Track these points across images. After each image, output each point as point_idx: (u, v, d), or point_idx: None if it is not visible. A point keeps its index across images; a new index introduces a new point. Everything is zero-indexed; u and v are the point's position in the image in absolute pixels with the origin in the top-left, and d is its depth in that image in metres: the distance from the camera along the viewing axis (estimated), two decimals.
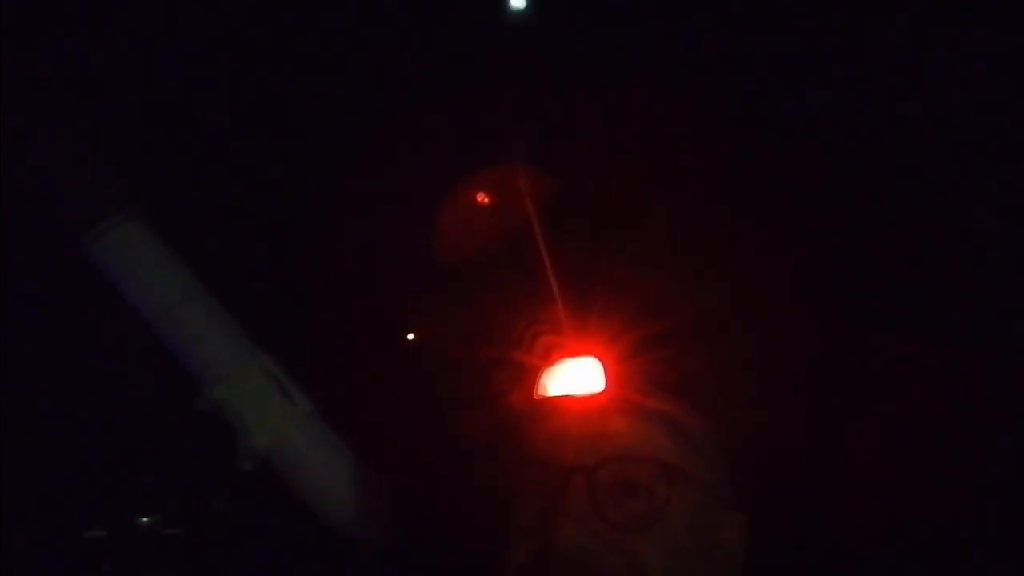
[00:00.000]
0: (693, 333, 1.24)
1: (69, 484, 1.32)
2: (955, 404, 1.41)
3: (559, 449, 1.13)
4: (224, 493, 1.37)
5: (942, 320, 1.45)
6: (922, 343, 1.43)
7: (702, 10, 1.58)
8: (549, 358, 1.18)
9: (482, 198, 1.50)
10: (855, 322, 1.45)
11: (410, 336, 1.51)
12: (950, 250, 1.47)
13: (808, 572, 1.27)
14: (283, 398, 1.43)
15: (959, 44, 1.48)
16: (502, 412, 1.20)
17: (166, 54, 1.59)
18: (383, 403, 1.51)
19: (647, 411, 1.15)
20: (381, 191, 1.61)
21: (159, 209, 1.41)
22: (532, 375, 1.18)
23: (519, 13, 1.59)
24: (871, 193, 1.50)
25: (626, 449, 1.12)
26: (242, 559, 1.40)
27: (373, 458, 1.42)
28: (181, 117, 1.63)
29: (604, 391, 1.13)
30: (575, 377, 1.15)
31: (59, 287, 1.50)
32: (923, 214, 1.49)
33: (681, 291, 1.30)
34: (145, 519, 1.27)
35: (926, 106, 1.52)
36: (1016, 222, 1.46)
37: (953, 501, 1.38)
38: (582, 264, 1.25)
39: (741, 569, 1.15)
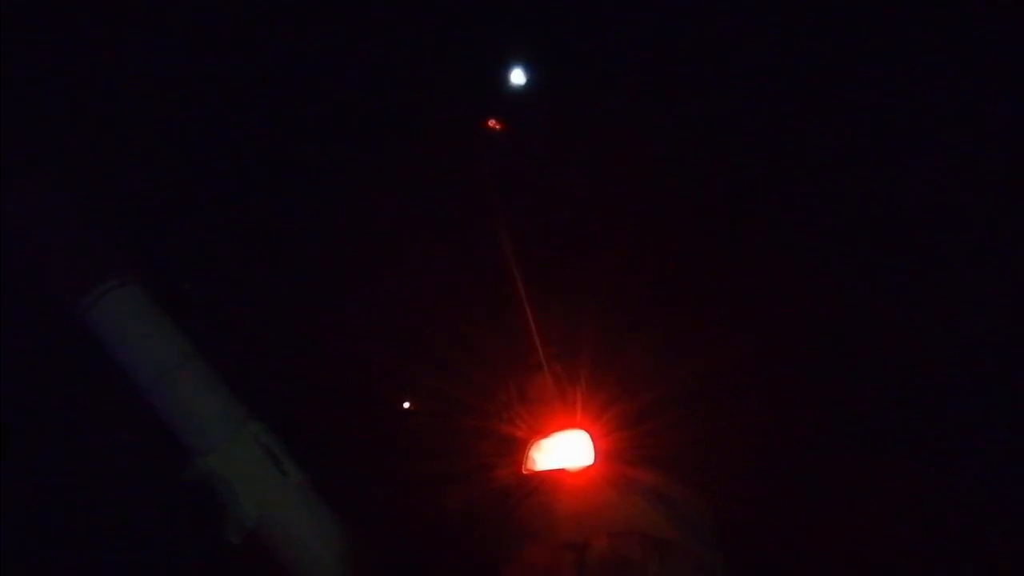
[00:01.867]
0: (681, 404, 1.24)
1: (56, 555, 1.28)
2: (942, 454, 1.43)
3: (549, 525, 1.11)
4: (212, 565, 1.33)
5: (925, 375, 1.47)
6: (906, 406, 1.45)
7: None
8: (537, 431, 1.16)
9: (469, 269, 1.51)
10: (842, 385, 1.47)
11: (406, 404, 1.50)
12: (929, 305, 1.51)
13: None
14: (274, 468, 1.41)
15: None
16: (489, 486, 1.18)
17: (157, 117, 1.60)
18: (375, 473, 1.49)
19: (637, 485, 1.13)
20: (372, 261, 1.62)
21: (154, 275, 1.40)
22: (520, 448, 1.16)
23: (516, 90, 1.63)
24: (852, 257, 1.54)
25: (617, 524, 1.09)
26: None
27: (363, 530, 1.39)
28: (175, 183, 1.63)
29: (593, 465, 1.12)
30: (564, 451, 1.13)
31: (51, 355, 1.48)
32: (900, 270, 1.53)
33: (668, 363, 1.31)
34: None
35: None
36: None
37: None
38: (570, 337, 1.25)
39: None
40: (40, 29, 1.42)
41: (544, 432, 1.15)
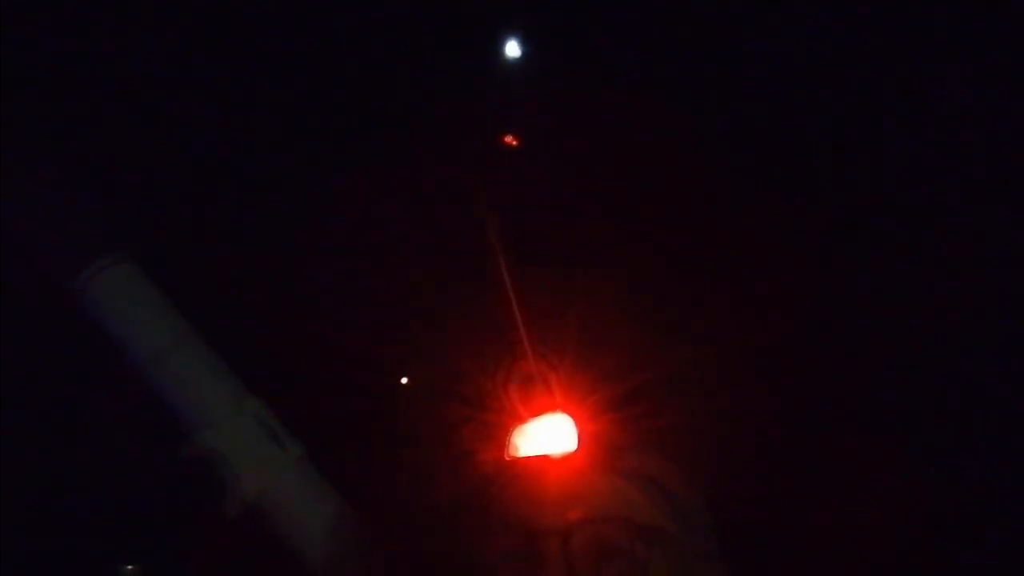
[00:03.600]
0: (668, 387, 1.22)
1: (55, 532, 1.31)
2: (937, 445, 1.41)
3: (532, 512, 1.10)
4: (211, 540, 1.36)
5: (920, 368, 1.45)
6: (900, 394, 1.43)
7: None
8: (520, 416, 1.15)
9: (451, 251, 1.50)
10: (831, 370, 1.46)
11: (404, 380, 1.50)
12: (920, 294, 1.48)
13: None
14: (273, 443, 1.43)
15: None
16: (472, 473, 1.17)
17: (153, 96, 1.59)
18: (371, 450, 1.50)
19: (622, 469, 1.12)
20: (359, 242, 1.61)
21: (150, 253, 1.41)
22: (503, 434, 1.15)
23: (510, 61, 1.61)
24: (846, 242, 1.52)
25: (601, 510, 1.09)
26: None
27: (360, 506, 1.40)
28: (171, 162, 1.63)
29: (577, 450, 1.10)
30: (547, 436, 1.12)
31: (49, 332, 1.49)
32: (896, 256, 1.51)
33: (655, 345, 1.29)
34: (130, 567, 1.25)
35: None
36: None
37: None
38: (554, 320, 1.24)
39: None
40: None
41: (526, 417, 1.14)
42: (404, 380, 1.52)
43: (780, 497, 1.38)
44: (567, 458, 1.10)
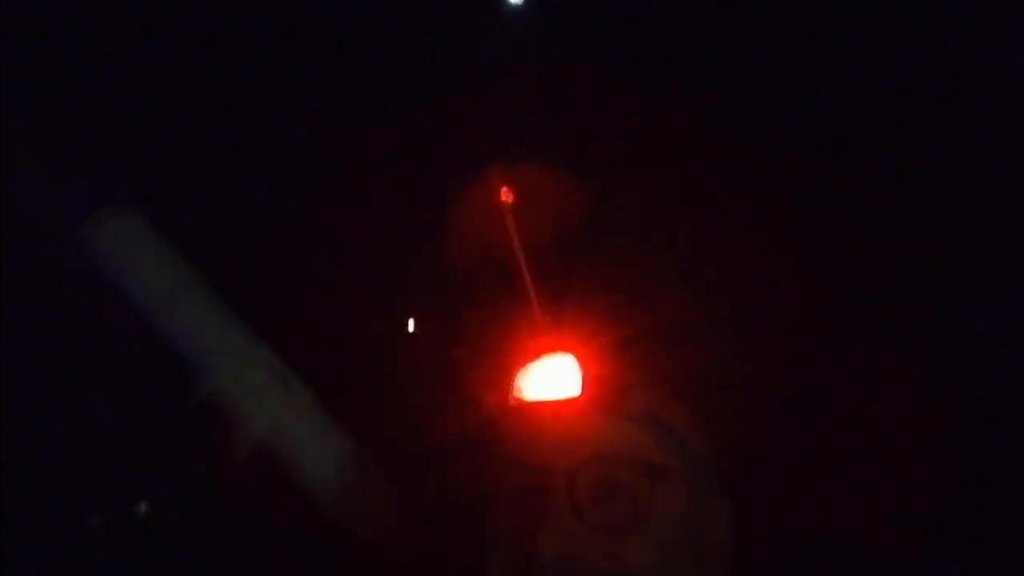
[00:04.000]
0: (674, 327, 1.22)
1: (70, 474, 1.34)
2: (942, 395, 1.42)
3: (536, 454, 1.10)
4: (222, 482, 1.38)
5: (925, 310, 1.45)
6: (907, 335, 1.43)
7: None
8: (524, 358, 1.14)
9: (457, 197, 1.50)
10: (840, 313, 1.46)
11: (411, 326, 1.51)
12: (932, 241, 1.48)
13: (797, 562, 1.28)
14: (281, 387, 1.45)
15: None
16: (476, 416, 1.17)
17: (160, 50, 1.59)
18: (380, 397, 1.52)
19: (626, 409, 1.12)
20: (369, 192, 1.61)
21: (155, 202, 1.42)
22: (506, 377, 1.14)
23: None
24: (855, 188, 1.51)
25: (605, 450, 1.09)
26: (240, 547, 1.41)
27: (370, 450, 1.43)
28: (176, 111, 1.63)
29: (581, 391, 1.10)
30: (551, 378, 1.11)
31: (57, 281, 1.51)
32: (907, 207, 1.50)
33: (661, 286, 1.29)
34: (144, 508, 1.28)
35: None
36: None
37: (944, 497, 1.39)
38: (558, 261, 1.23)
39: (729, 560, 1.14)
40: None
41: (530, 358, 1.13)
42: (411, 325, 1.53)
43: (788, 435, 1.39)
44: (571, 400, 1.10)
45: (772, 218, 1.46)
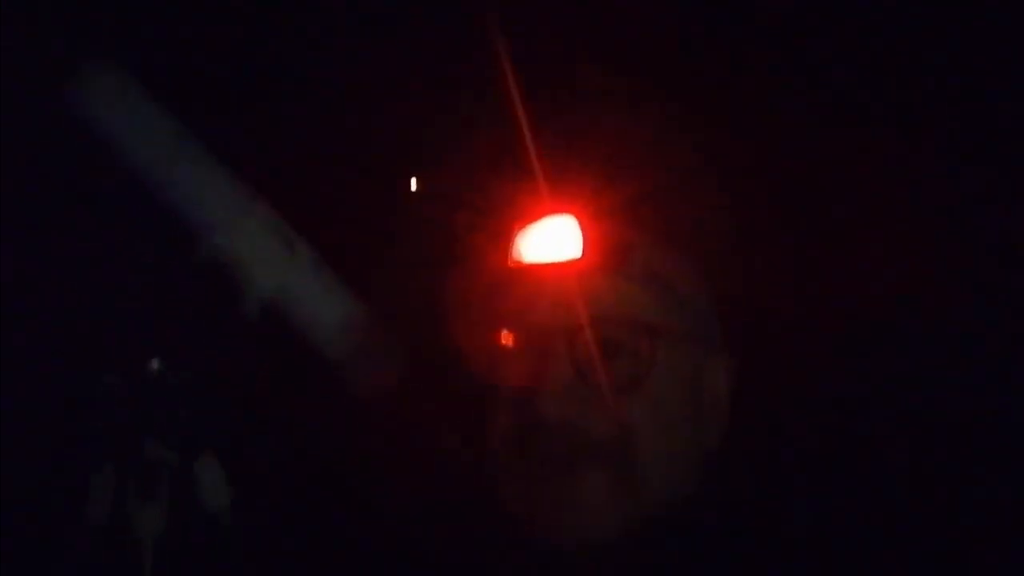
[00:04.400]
0: (677, 188, 1.19)
1: (81, 333, 1.36)
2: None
3: (537, 316, 1.11)
4: (231, 338, 1.40)
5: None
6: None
7: None
8: (523, 219, 1.12)
9: (455, 56, 1.43)
10: (841, 166, 1.40)
11: (413, 184, 1.49)
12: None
13: (796, 414, 1.29)
14: (283, 245, 1.44)
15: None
16: (476, 278, 1.16)
17: None
18: (381, 253, 1.51)
19: (627, 269, 1.11)
20: (372, 47, 1.55)
21: (142, 55, 1.37)
22: (506, 238, 1.13)
23: None
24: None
25: (606, 310, 1.09)
26: (251, 399, 1.45)
27: (374, 309, 1.43)
28: None
29: (582, 252, 1.08)
30: (551, 239, 1.09)
31: (49, 139, 1.49)
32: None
33: (661, 143, 1.24)
34: (156, 365, 1.31)
35: None
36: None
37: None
38: (559, 120, 1.18)
39: (727, 416, 1.15)
40: None
41: (530, 219, 1.11)
42: (413, 185, 1.50)
43: (790, 290, 1.37)
44: (571, 260, 1.09)
45: (776, 74, 1.39)
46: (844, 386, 1.36)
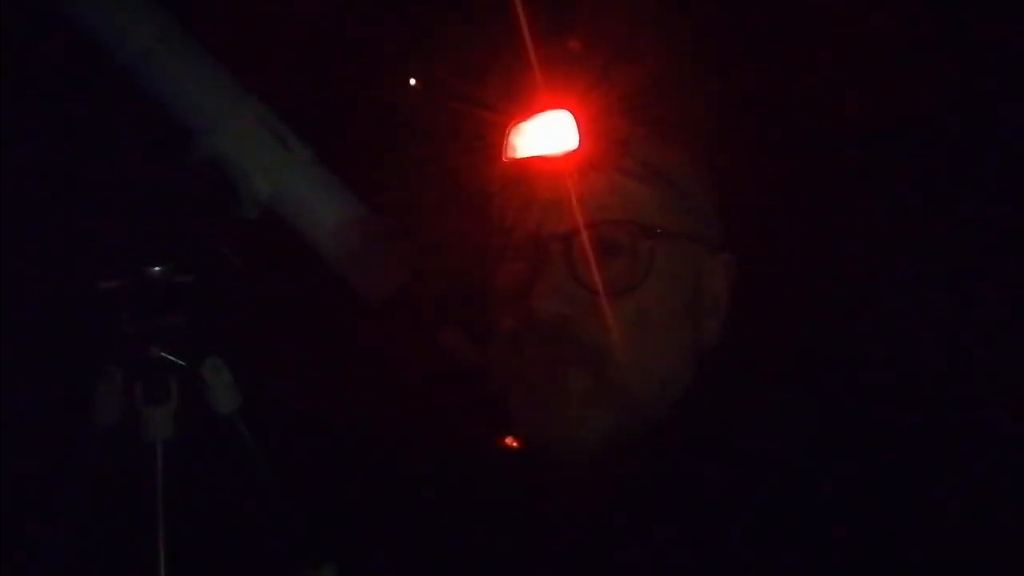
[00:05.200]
0: (675, 73, 1.14)
1: (80, 241, 1.34)
2: None
3: (533, 215, 1.08)
4: (230, 239, 1.38)
5: None
6: None
7: None
8: (518, 114, 1.08)
9: None
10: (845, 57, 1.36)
11: (412, 81, 1.44)
12: None
13: (792, 307, 1.29)
14: (279, 144, 1.41)
15: None
16: (471, 177, 1.13)
17: None
18: (378, 151, 1.47)
19: (625, 165, 1.07)
20: None
21: None
22: (500, 134, 1.10)
23: None
24: None
25: (603, 211, 1.06)
26: (251, 298, 1.43)
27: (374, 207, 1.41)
28: None
29: (578, 147, 1.05)
30: (546, 134, 1.06)
31: (35, 39, 1.43)
32: None
33: (661, 29, 1.19)
34: (156, 268, 1.29)
35: None
36: None
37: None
38: (556, 14, 1.13)
39: (725, 314, 1.13)
40: None
41: (524, 114, 1.08)
42: (412, 81, 1.45)
43: (792, 185, 1.35)
44: (567, 157, 1.06)
45: None
46: (841, 292, 1.34)
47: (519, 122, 1.08)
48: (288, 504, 1.30)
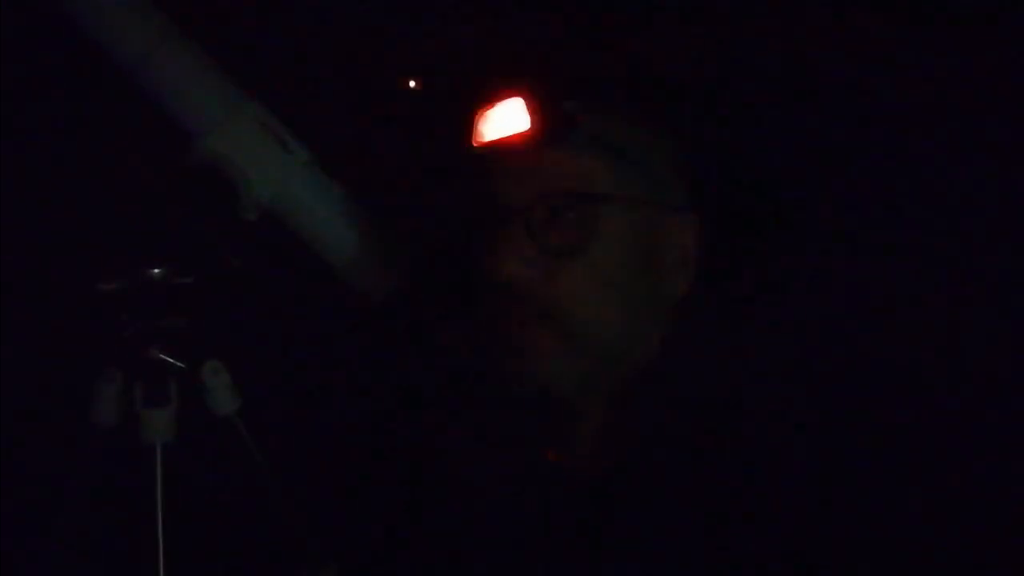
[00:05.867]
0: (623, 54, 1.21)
1: (78, 240, 1.34)
2: None
3: (499, 190, 1.19)
4: (230, 242, 1.39)
5: None
6: None
7: None
8: (481, 103, 1.19)
9: None
10: None
11: (412, 83, 1.44)
12: None
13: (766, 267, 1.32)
14: (279, 146, 1.41)
15: None
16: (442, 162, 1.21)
17: None
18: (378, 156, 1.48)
19: (574, 141, 1.17)
20: None
21: None
22: (469, 122, 1.19)
23: None
24: None
25: (553, 182, 1.16)
26: (252, 301, 1.44)
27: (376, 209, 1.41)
28: None
29: (532, 128, 1.15)
30: (503, 118, 1.17)
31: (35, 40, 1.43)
32: None
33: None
34: (156, 271, 1.30)
35: None
36: None
37: None
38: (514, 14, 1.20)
39: (692, 269, 1.21)
40: None
41: (488, 102, 1.18)
42: (412, 83, 1.46)
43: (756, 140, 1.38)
44: (523, 136, 1.15)
45: None
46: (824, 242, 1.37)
47: (483, 110, 1.19)
48: (288, 505, 1.30)
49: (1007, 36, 1.33)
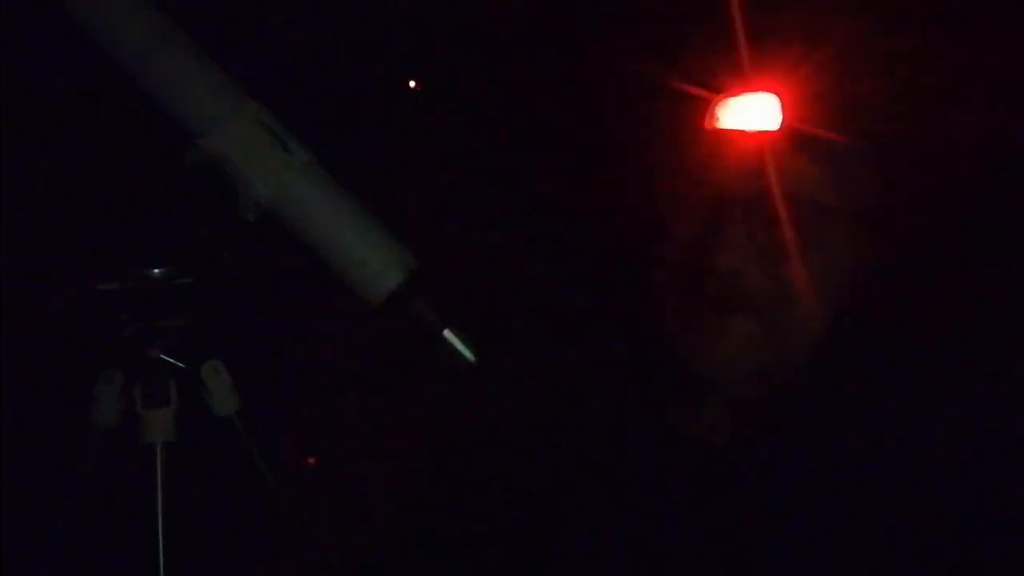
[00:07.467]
0: (874, 62, 1.18)
1: (77, 241, 1.34)
2: None
3: (726, 179, 1.20)
4: (230, 242, 1.38)
5: None
6: None
7: None
8: (723, 90, 1.19)
9: None
10: None
11: (411, 84, 1.44)
12: None
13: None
14: (278, 147, 1.40)
15: None
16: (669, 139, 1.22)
17: None
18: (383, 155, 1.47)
19: (816, 152, 1.18)
20: None
21: None
22: (705, 105, 1.19)
23: None
24: None
25: (789, 187, 1.18)
26: (252, 302, 1.44)
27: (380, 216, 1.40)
28: None
29: (779, 128, 1.16)
30: (751, 111, 1.17)
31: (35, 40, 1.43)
32: None
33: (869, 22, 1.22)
34: (156, 271, 1.30)
35: None
36: None
37: None
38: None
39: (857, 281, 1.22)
40: None
41: (730, 92, 1.18)
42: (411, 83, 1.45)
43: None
44: (767, 134, 1.16)
45: None
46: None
47: (726, 97, 1.18)
48: (288, 505, 1.30)
49: None
